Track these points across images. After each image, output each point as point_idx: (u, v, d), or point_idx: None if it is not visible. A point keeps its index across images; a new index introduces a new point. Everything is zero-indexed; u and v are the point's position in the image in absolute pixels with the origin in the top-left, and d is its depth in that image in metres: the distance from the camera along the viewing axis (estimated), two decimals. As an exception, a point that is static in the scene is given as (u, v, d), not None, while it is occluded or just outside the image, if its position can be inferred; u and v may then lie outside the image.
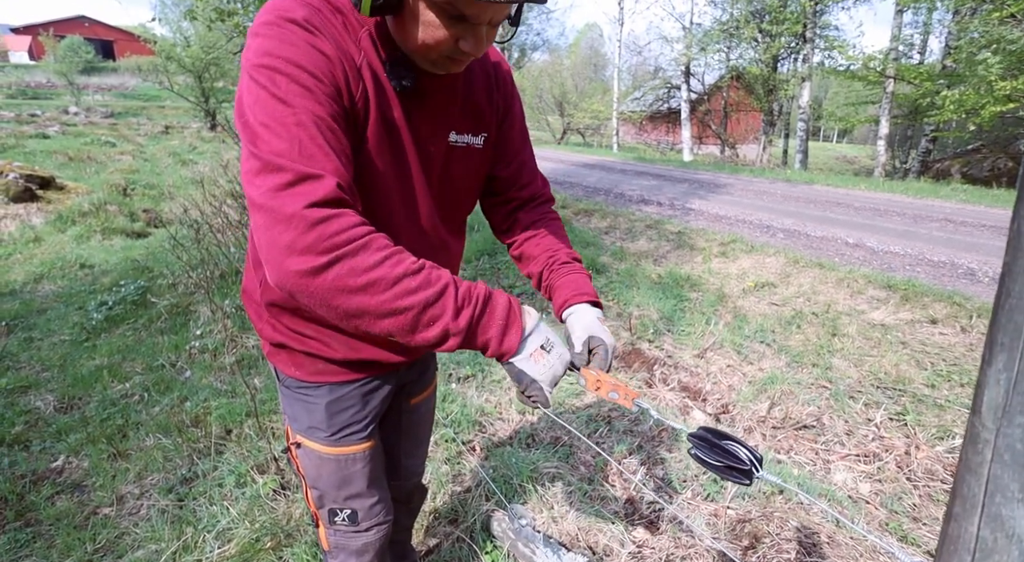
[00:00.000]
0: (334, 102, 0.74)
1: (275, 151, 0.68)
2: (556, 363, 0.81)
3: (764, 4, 16.56)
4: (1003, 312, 0.48)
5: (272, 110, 0.70)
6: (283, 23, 0.74)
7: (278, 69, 0.71)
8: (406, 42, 0.81)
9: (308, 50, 0.73)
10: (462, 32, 0.77)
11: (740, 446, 0.77)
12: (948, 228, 6.23)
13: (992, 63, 10.53)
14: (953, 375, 2.90)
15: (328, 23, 0.78)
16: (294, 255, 0.66)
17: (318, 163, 0.69)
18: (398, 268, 0.70)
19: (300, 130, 0.69)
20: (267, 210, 0.67)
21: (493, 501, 2.01)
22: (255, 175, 0.68)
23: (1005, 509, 0.51)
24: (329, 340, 0.98)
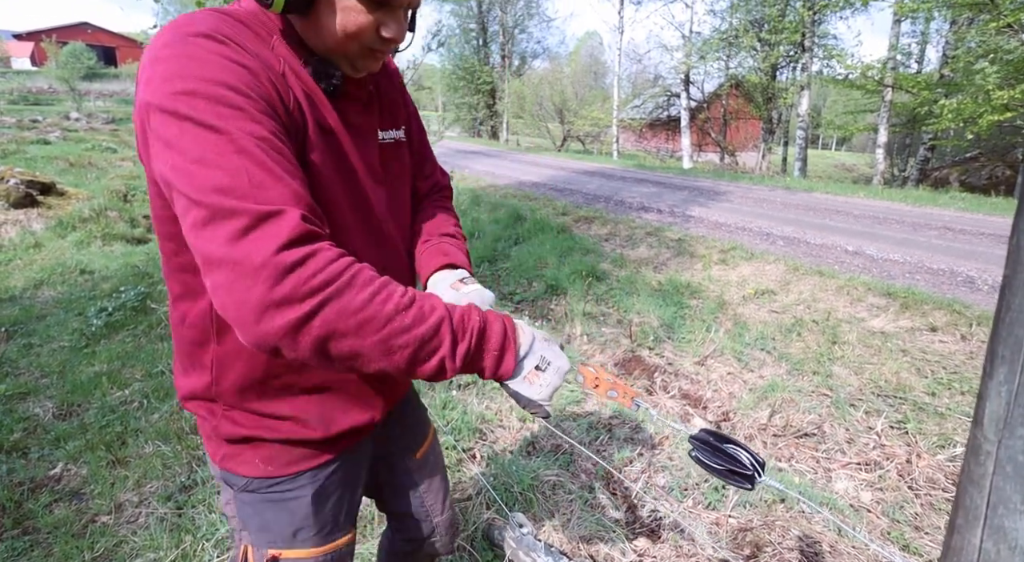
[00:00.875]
0: (270, 118, 0.66)
1: (219, 189, 0.58)
2: (553, 379, 0.79)
3: (763, 13, 16.66)
4: (1004, 325, 0.49)
5: (202, 142, 0.60)
6: (189, 39, 0.65)
7: (196, 92, 0.61)
8: (323, 39, 0.76)
9: (226, 64, 0.64)
10: (383, 17, 0.75)
11: (742, 450, 0.76)
12: (947, 236, 6.25)
13: (990, 73, 10.59)
14: (954, 383, 2.90)
15: (238, 33, 0.71)
16: (272, 309, 0.57)
17: (274, 194, 0.60)
18: (388, 304, 0.63)
19: (242, 158, 0.60)
20: (228, 265, 0.57)
21: (494, 509, 2.01)
22: (202, 227, 0.58)
23: (1008, 521, 0.51)
24: (306, 417, 0.86)
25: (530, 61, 32.12)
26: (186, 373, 0.88)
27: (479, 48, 30.01)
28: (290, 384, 0.84)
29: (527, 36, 31.27)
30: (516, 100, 28.38)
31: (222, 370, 0.82)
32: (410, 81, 4.93)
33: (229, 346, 0.81)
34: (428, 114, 30.55)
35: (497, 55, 30.04)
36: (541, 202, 8.15)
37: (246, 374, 0.82)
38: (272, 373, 0.83)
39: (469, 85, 29.57)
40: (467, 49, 29.92)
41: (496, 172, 12.05)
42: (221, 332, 0.80)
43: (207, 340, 0.82)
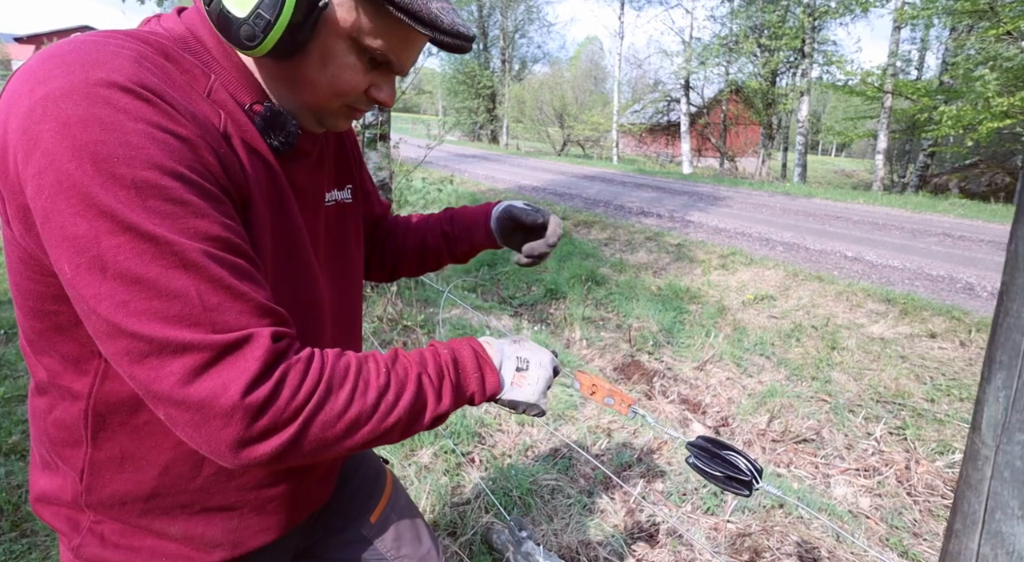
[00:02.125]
0: (217, 203, 0.52)
1: (163, 319, 0.47)
2: (539, 374, 0.76)
3: (763, 19, 16.75)
4: (1002, 331, 0.49)
5: (135, 256, 0.46)
6: (99, 92, 0.47)
7: (123, 181, 0.46)
8: (299, 90, 0.64)
9: (157, 137, 0.49)
10: (377, 79, 0.66)
11: (739, 456, 0.77)
12: (946, 242, 6.26)
13: (989, 79, 10.64)
14: (953, 389, 2.90)
15: (165, 75, 0.54)
16: (252, 445, 0.50)
17: (234, 316, 0.50)
18: (370, 393, 0.57)
19: (191, 276, 0.48)
20: (187, 406, 0.48)
21: (492, 514, 2.00)
22: (141, 360, 0.47)
23: (1005, 526, 0.51)
24: (205, 538, 0.69)
25: (530, 66, 32.25)
26: (46, 468, 0.68)
27: (479, 52, 30.11)
28: (189, 503, 0.67)
29: (528, 41, 31.43)
30: (516, 104, 28.47)
31: (97, 478, 0.64)
32: (410, 85, 4.95)
33: (107, 452, 0.63)
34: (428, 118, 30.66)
35: (497, 59, 30.15)
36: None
37: (130, 489, 0.65)
38: (167, 489, 0.65)
39: (469, 89, 29.67)
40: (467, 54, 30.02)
41: (496, 176, 12.08)
42: (98, 436, 0.62)
43: (78, 442, 0.63)
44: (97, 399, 0.61)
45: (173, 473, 0.65)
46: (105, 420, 0.62)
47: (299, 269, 0.70)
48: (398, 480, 1.06)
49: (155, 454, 0.64)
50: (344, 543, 0.93)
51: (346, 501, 0.93)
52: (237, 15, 0.55)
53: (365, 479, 0.98)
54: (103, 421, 0.62)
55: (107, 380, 0.60)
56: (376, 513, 0.97)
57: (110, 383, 0.60)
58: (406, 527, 0.99)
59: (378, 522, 0.96)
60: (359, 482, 0.97)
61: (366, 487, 0.98)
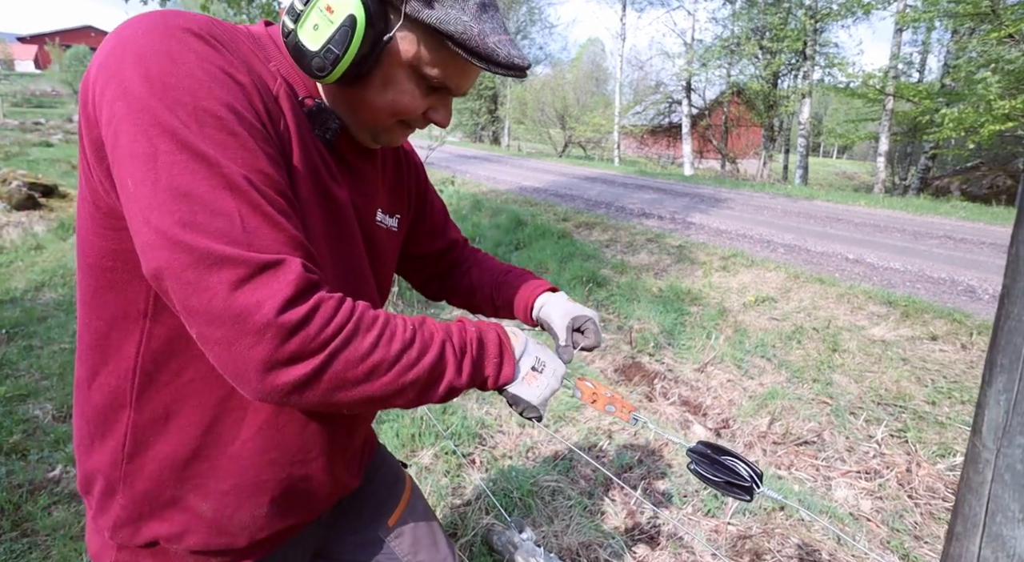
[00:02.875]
0: (267, 145, 0.57)
1: (207, 232, 0.50)
2: (550, 381, 0.78)
3: (765, 21, 16.75)
4: (1003, 334, 0.49)
5: (189, 172, 0.51)
6: (175, 34, 0.55)
7: (186, 107, 0.52)
8: (358, 108, 0.69)
9: (219, 76, 0.55)
10: (435, 102, 0.70)
11: (740, 461, 0.77)
12: (948, 245, 6.25)
13: (991, 82, 10.64)
14: (954, 392, 2.90)
15: (232, 38, 0.61)
16: (278, 368, 0.52)
17: (271, 241, 0.53)
18: (394, 344, 0.60)
19: (236, 198, 0.52)
20: (222, 320, 0.50)
21: (493, 515, 2.00)
22: (183, 270, 0.50)
23: (1006, 529, 0.51)
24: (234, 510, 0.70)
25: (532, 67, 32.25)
26: (86, 447, 0.71)
27: (481, 54, 30.11)
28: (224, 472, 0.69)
29: (529, 42, 31.42)
30: (518, 106, 28.49)
31: (139, 442, 0.67)
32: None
33: (150, 413, 0.66)
34: (430, 119, 30.61)
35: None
36: (542, 207, 8.17)
37: (170, 451, 0.67)
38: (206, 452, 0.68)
39: (471, 90, 29.67)
40: (469, 55, 30.05)
41: (497, 177, 12.09)
42: (142, 396, 0.65)
43: (121, 406, 0.66)
44: (144, 358, 0.63)
45: (214, 432, 0.67)
46: (151, 379, 0.65)
47: (343, 262, 0.73)
48: (417, 485, 1.07)
49: (197, 414, 0.66)
50: (361, 543, 0.93)
51: (365, 501, 0.95)
52: (310, 48, 0.62)
53: (384, 481, 0.99)
54: (149, 380, 0.65)
55: (153, 339, 0.63)
56: (394, 516, 0.98)
57: (156, 342, 0.63)
58: (423, 532, 1.00)
59: (396, 525, 0.97)
60: (379, 484, 0.98)
61: (385, 489, 0.99)
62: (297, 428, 0.71)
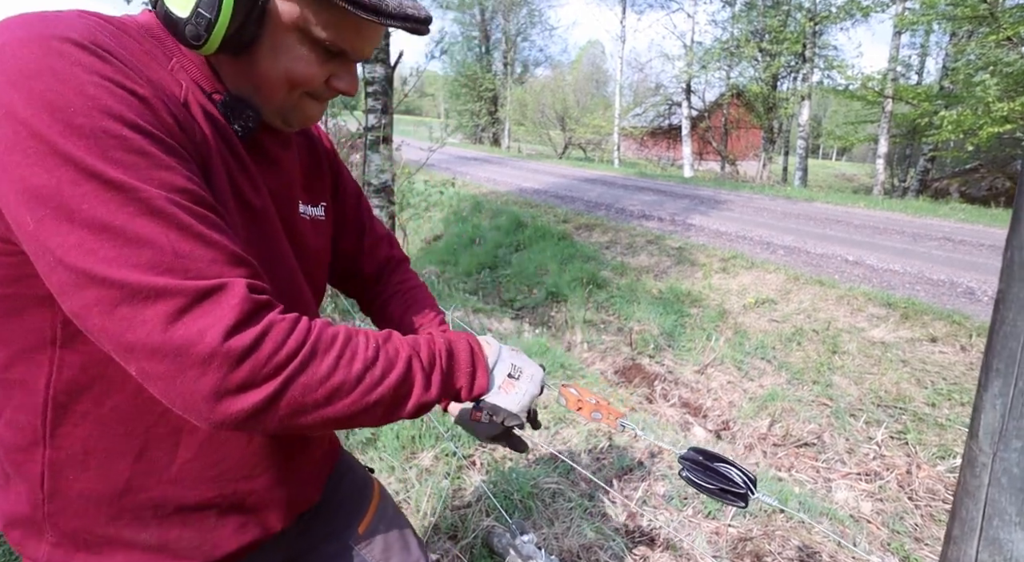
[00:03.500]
0: (180, 159, 0.52)
1: (135, 265, 0.45)
2: (529, 386, 0.75)
3: (764, 24, 16.78)
4: (998, 338, 0.50)
5: (100, 203, 0.45)
6: (52, 45, 0.47)
7: (81, 129, 0.45)
8: (256, 82, 0.63)
9: (116, 91, 0.48)
10: (336, 69, 0.65)
11: (733, 468, 0.75)
12: (947, 247, 6.26)
13: (990, 85, 10.66)
14: (954, 394, 2.90)
15: (121, 44, 0.54)
16: (229, 397, 0.48)
17: (207, 263, 0.49)
18: (356, 364, 0.56)
19: (159, 222, 0.47)
20: (163, 355, 0.46)
21: (493, 517, 2.01)
22: (113, 307, 0.45)
23: (1003, 532, 0.52)
24: (179, 544, 0.65)
25: (532, 69, 32.32)
26: (6, 489, 0.63)
27: (482, 56, 30.20)
28: (162, 500, 0.63)
29: (529, 44, 31.51)
30: (518, 107, 28.52)
31: (60, 480, 0.60)
32: (412, 88, 4.96)
33: (68, 449, 0.59)
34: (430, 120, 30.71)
35: (499, 63, 30.22)
36: (542, 209, 8.18)
37: (98, 488, 0.60)
38: (139, 482, 0.61)
39: (471, 92, 29.73)
40: (470, 56, 30.13)
41: (497, 179, 12.10)
42: (57, 431, 0.59)
43: (34, 443, 0.59)
44: (56, 389, 0.57)
45: (147, 459, 0.61)
46: (66, 411, 0.58)
47: (272, 264, 0.68)
48: (385, 489, 1.04)
49: (124, 444, 0.60)
50: (331, 554, 0.90)
51: (332, 511, 0.91)
52: (179, 15, 0.56)
53: (352, 489, 0.95)
54: (64, 412, 0.58)
55: (65, 368, 0.57)
56: (364, 524, 0.94)
57: (68, 371, 0.57)
58: (394, 537, 0.97)
59: (366, 533, 0.93)
60: (345, 491, 0.94)
61: (353, 497, 0.95)
62: (240, 442, 0.66)
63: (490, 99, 29.92)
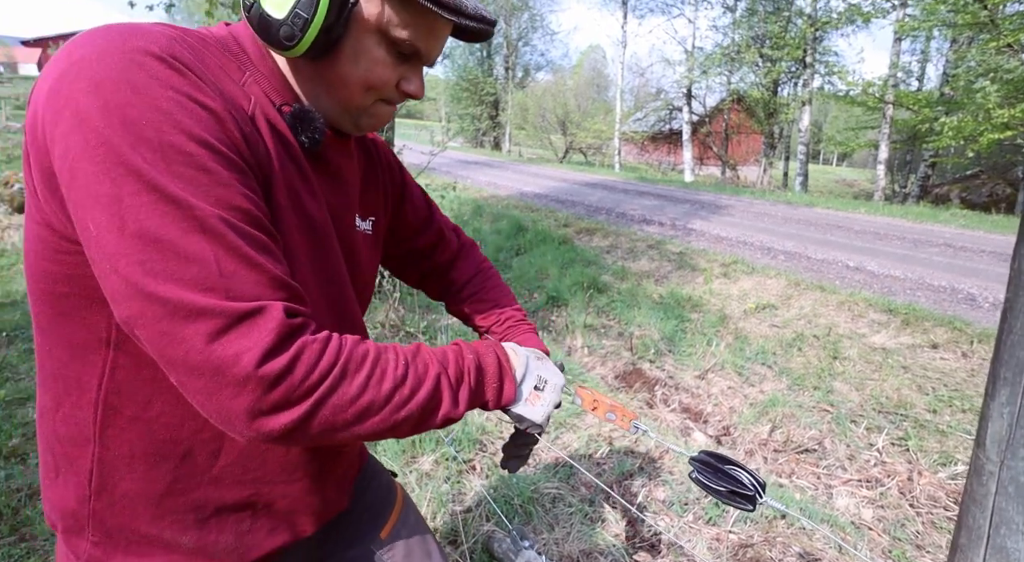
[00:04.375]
0: (241, 175, 0.53)
1: (180, 281, 0.47)
2: (552, 397, 0.78)
3: (765, 29, 16.84)
4: (1005, 347, 0.49)
5: (158, 216, 0.47)
6: (135, 58, 0.49)
7: (151, 143, 0.47)
8: (332, 87, 0.65)
9: (186, 105, 0.50)
10: (406, 72, 0.67)
11: (743, 471, 0.77)
12: (948, 253, 6.26)
13: (991, 91, 10.69)
14: (955, 401, 2.89)
15: (198, 57, 0.56)
16: (263, 417, 0.50)
17: (249, 285, 0.50)
18: (385, 383, 0.57)
19: (210, 241, 0.48)
20: (201, 372, 0.48)
21: (493, 522, 2.00)
22: (157, 321, 0.47)
23: (1010, 541, 0.51)
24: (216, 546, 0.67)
25: (533, 73, 32.40)
26: (51, 480, 0.66)
27: (483, 60, 30.28)
28: (203, 501, 0.65)
29: (531, 49, 31.56)
30: (519, 111, 28.60)
31: (107, 477, 0.62)
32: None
33: (116, 450, 0.62)
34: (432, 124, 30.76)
35: (501, 67, 30.30)
36: (543, 213, 8.18)
37: (143, 487, 0.63)
38: (182, 483, 0.64)
39: (472, 96, 29.81)
40: (471, 61, 30.21)
41: (498, 183, 12.11)
42: (106, 432, 0.61)
43: (86, 440, 0.62)
44: (108, 390, 0.60)
45: (190, 463, 0.63)
46: (116, 412, 0.61)
47: (325, 277, 0.70)
48: (408, 495, 1.05)
49: (170, 446, 0.62)
50: (353, 559, 0.90)
51: (357, 516, 0.92)
52: (276, 16, 0.58)
53: (376, 494, 0.96)
54: (113, 414, 0.61)
55: (117, 369, 0.59)
56: (386, 529, 0.95)
57: (121, 373, 0.59)
58: (416, 544, 0.97)
59: (388, 538, 0.94)
60: (371, 497, 0.95)
61: (377, 502, 0.96)
62: (281, 450, 0.68)
63: (491, 103, 29.98)
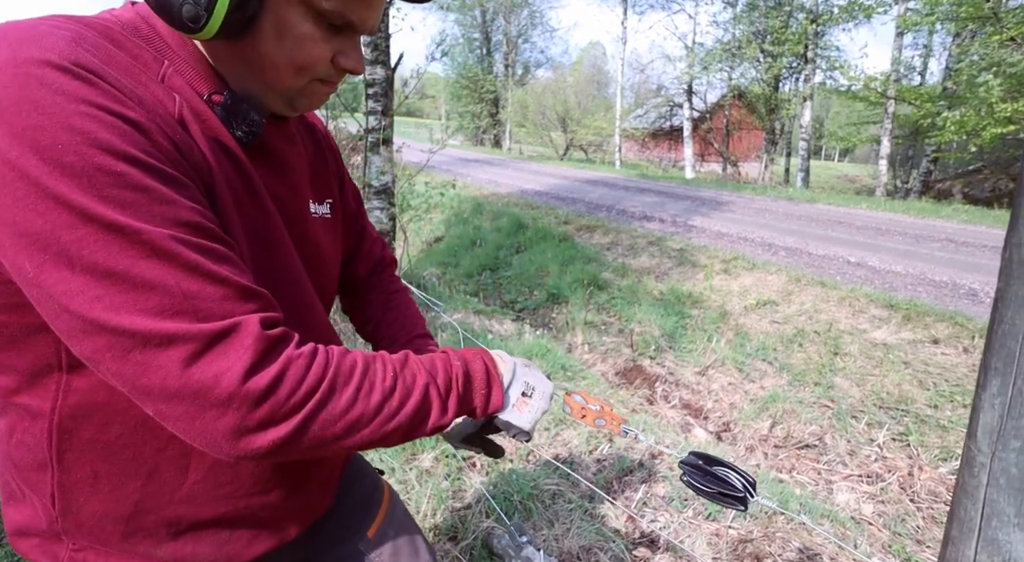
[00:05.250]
0: (180, 188, 0.48)
1: (142, 311, 0.44)
2: (540, 403, 0.76)
3: (766, 25, 16.78)
4: (996, 338, 0.49)
5: (100, 247, 0.43)
6: (32, 71, 0.43)
7: (72, 168, 0.42)
8: (258, 69, 0.58)
9: (105, 119, 0.44)
10: (341, 45, 0.60)
11: (732, 471, 0.76)
12: (950, 248, 6.24)
13: (994, 85, 10.65)
14: (956, 396, 2.89)
15: (106, 56, 0.49)
16: (250, 434, 0.48)
17: (218, 301, 0.47)
18: (374, 395, 0.56)
19: (164, 263, 0.45)
20: (181, 398, 0.45)
21: (493, 518, 2.00)
22: (125, 354, 0.44)
23: (1001, 533, 0.51)
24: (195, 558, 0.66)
25: (533, 70, 32.37)
26: (14, 499, 0.63)
27: (483, 57, 30.24)
28: (175, 518, 0.63)
29: (531, 46, 31.54)
30: (519, 109, 28.57)
31: (70, 501, 0.59)
32: (413, 90, 4.97)
33: (77, 473, 0.59)
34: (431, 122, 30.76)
35: (501, 64, 30.25)
36: (543, 211, 8.18)
37: (109, 508, 0.60)
38: (150, 503, 0.61)
39: (472, 94, 29.78)
40: (471, 58, 30.18)
41: (498, 180, 12.11)
42: (64, 456, 0.58)
43: (43, 465, 0.59)
44: (62, 415, 0.56)
45: (157, 481, 0.60)
46: (72, 436, 0.57)
47: (277, 268, 0.65)
48: (395, 493, 1.04)
49: (134, 466, 0.59)
50: (340, 558, 0.89)
51: (343, 515, 0.90)
52: None
53: (362, 492, 0.94)
54: (69, 438, 0.57)
55: (70, 394, 0.55)
56: (373, 528, 0.93)
57: (74, 397, 0.56)
58: (404, 542, 0.96)
59: (375, 537, 0.92)
60: (356, 495, 0.93)
61: (363, 501, 0.94)
62: (253, 462, 0.65)
63: (491, 101, 29.95)
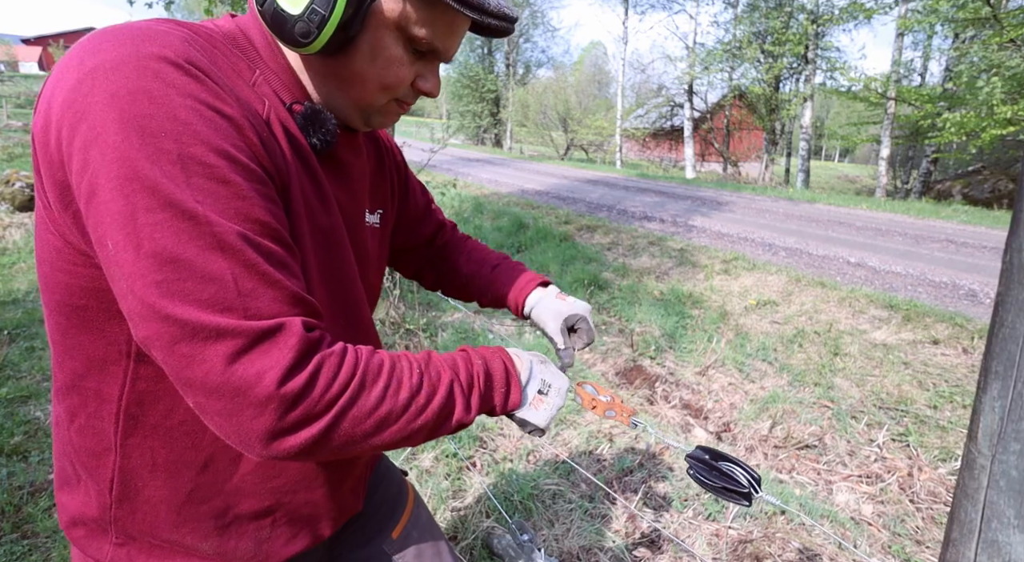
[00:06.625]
0: (260, 186, 0.52)
1: (197, 301, 0.46)
2: (555, 400, 0.78)
3: (766, 25, 16.77)
4: (997, 341, 0.50)
5: (173, 233, 0.46)
6: (149, 65, 0.47)
7: (170, 155, 0.46)
8: (347, 85, 0.63)
9: (205, 114, 0.48)
10: (422, 70, 0.65)
11: (738, 467, 0.77)
12: (949, 249, 6.25)
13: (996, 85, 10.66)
14: (956, 396, 2.89)
15: (211, 58, 0.55)
16: (284, 435, 0.50)
17: (268, 302, 0.49)
18: (402, 392, 0.57)
19: (227, 258, 0.47)
20: (222, 394, 0.47)
21: (493, 518, 2.01)
22: (175, 343, 0.46)
23: (1001, 535, 0.51)
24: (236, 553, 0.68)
25: (534, 70, 32.35)
26: (68, 487, 0.65)
27: (484, 57, 30.23)
28: (223, 508, 0.66)
29: (532, 45, 31.51)
30: (520, 108, 28.56)
31: (128, 486, 0.62)
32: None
33: (138, 459, 0.61)
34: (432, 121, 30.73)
35: (502, 64, 30.25)
36: (544, 210, 8.18)
37: (165, 495, 0.63)
38: (202, 491, 0.64)
39: (473, 93, 29.77)
40: (472, 57, 30.16)
41: (499, 180, 12.11)
42: (127, 441, 0.61)
43: (106, 450, 0.61)
44: (129, 401, 0.59)
45: (211, 470, 0.63)
46: (138, 422, 0.60)
47: (334, 276, 0.69)
48: (419, 496, 1.05)
49: (190, 455, 0.62)
50: (365, 559, 0.90)
51: (368, 516, 0.91)
52: (291, 12, 0.55)
53: (387, 494, 0.97)
54: (135, 424, 0.60)
55: (139, 381, 0.59)
56: (398, 529, 0.95)
57: (142, 384, 0.59)
58: (427, 545, 0.97)
59: (399, 539, 0.94)
60: (382, 497, 0.95)
61: (388, 502, 0.96)
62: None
63: (492, 100, 29.94)
